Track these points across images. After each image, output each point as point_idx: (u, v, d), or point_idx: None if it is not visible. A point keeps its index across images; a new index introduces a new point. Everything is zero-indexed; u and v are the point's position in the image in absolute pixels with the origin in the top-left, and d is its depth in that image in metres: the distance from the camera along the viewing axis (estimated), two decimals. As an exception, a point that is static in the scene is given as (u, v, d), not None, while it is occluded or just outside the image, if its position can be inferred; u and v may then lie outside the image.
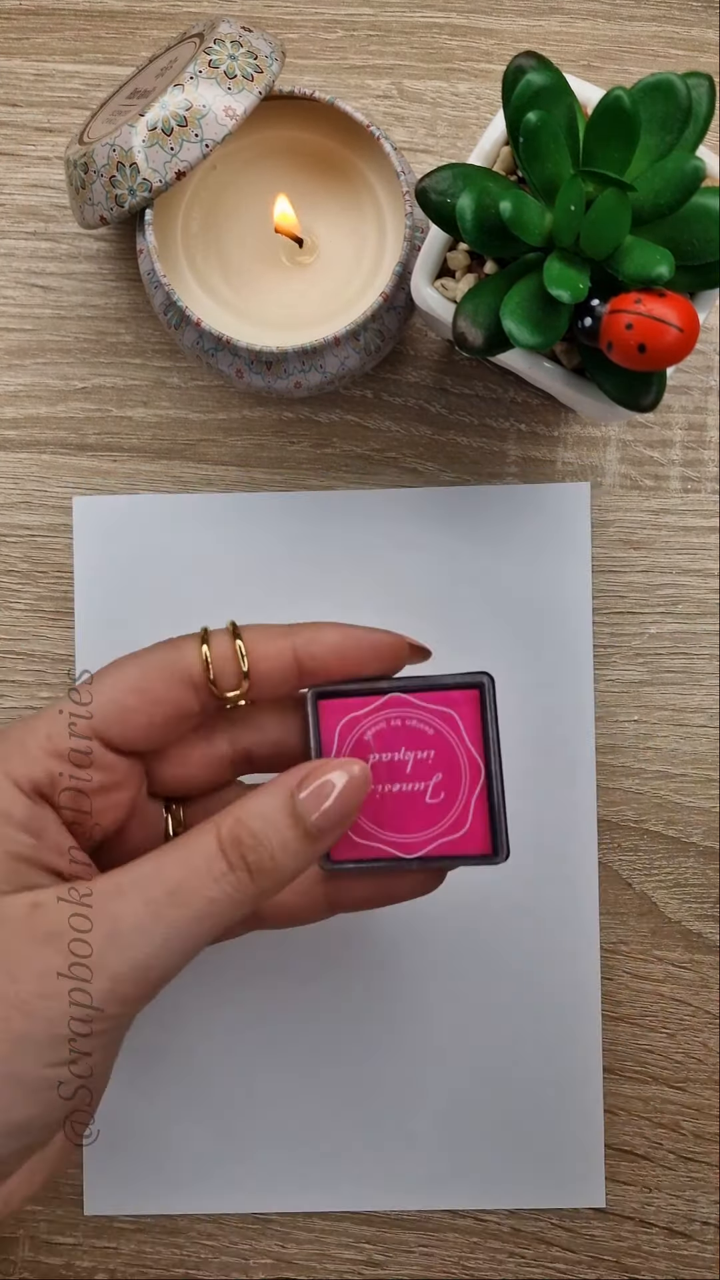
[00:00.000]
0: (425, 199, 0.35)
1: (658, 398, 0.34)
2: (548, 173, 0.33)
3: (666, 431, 0.45)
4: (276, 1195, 0.44)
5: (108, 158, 0.39)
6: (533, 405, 0.45)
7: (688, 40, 0.45)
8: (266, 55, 0.39)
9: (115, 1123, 0.44)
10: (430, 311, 0.37)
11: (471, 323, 0.34)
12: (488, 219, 0.33)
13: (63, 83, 0.45)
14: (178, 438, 0.45)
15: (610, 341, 0.32)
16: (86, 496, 0.45)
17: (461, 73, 0.45)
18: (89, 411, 0.45)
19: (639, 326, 0.32)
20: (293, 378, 0.40)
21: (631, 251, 0.33)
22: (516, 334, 0.33)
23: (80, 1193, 0.44)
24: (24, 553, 0.45)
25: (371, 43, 0.45)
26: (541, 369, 0.36)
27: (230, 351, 0.40)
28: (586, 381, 0.36)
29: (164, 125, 0.38)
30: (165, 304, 0.40)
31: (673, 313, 0.32)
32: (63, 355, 0.45)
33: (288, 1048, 0.45)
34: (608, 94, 0.32)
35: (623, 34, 0.45)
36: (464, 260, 0.36)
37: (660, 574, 0.45)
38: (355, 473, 0.45)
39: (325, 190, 0.43)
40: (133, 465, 0.45)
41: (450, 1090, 0.44)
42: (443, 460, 0.45)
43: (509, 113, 0.34)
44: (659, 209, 0.33)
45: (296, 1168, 0.44)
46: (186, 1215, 0.44)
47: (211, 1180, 0.44)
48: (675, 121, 0.33)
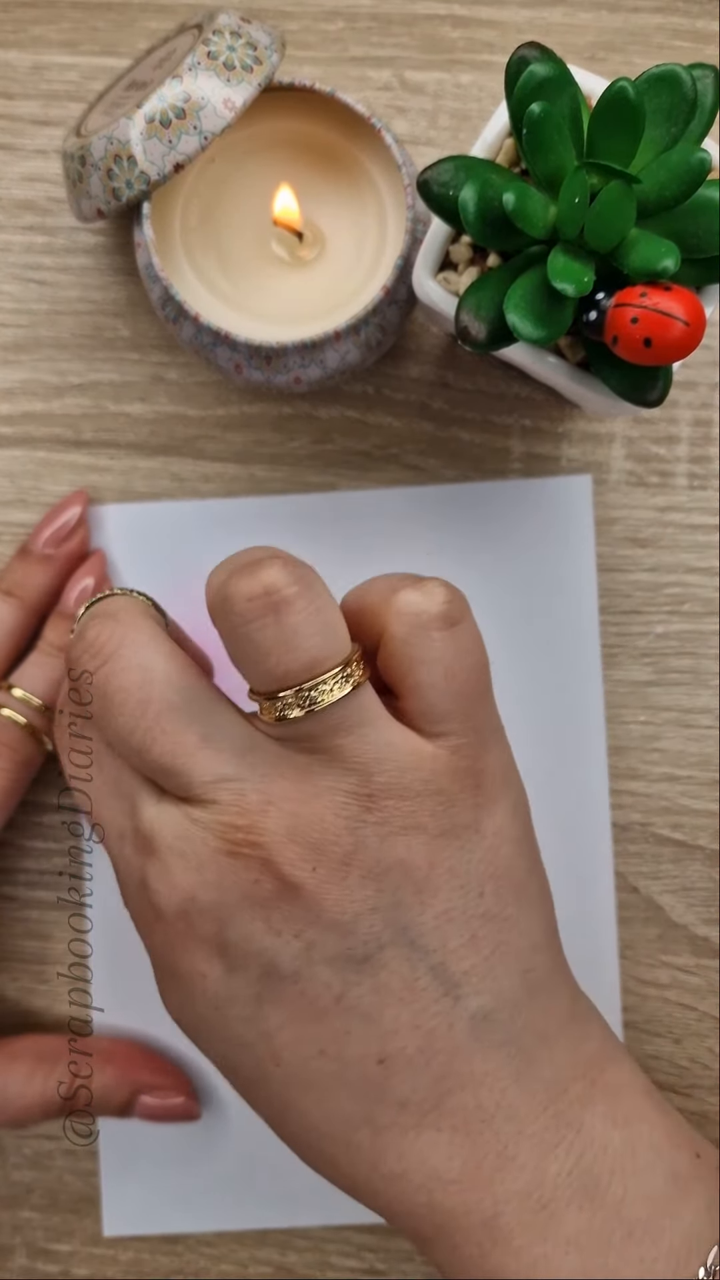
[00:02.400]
0: (427, 191, 0.34)
1: (663, 393, 0.34)
2: (551, 165, 0.33)
3: (673, 428, 0.44)
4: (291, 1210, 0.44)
5: (105, 150, 0.38)
6: (536, 401, 0.44)
7: (692, 31, 0.44)
8: (266, 46, 0.39)
9: (134, 1142, 0.44)
10: (432, 305, 0.36)
11: (474, 316, 0.34)
12: (491, 211, 0.33)
13: (59, 74, 0.45)
14: (175, 433, 0.44)
15: (615, 336, 0.32)
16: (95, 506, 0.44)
17: (464, 64, 0.44)
18: (85, 407, 0.44)
19: (644, 320, 0.31)
20: (292, 373, 0.40)
21: (636, 245, 0.32)
22: (520, 328, 0.32)
23: (78, 1202, 0.44)
24: (20, 551, 0.44)
25: (372, 34, 0.44)
26: (545, 364, 0.36)
27: (229, 346, 0.39)
28: (591, 376, 0.35)
29: (162, 117, 0.37)
30: (163, 298, 0.40)
31: (679, 307, 0.31)
32: (59, 350, 0.45)
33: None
34: (612, 85, 0.32)
35: (627, 25, 0.44)
36: (466, 253, 0.36)
37: (666, 572, 0.44)
38: (355, 469, 0.44)
39: (326, 183, 0.42)
40: (130, 462, 0.44)
41: None
42: (445, 457, 0.45)
43: (512, 104, 0.33)
44: (664, 201, 0.32)
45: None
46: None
47: (228, 1196, 0.44)
48: (680, 113, 0.33)
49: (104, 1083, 0.40)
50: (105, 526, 0.44)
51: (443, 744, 0.31)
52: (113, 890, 0.44)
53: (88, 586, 0.42)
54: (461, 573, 0.44)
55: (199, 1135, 0.44)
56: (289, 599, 0.30)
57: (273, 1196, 0.44)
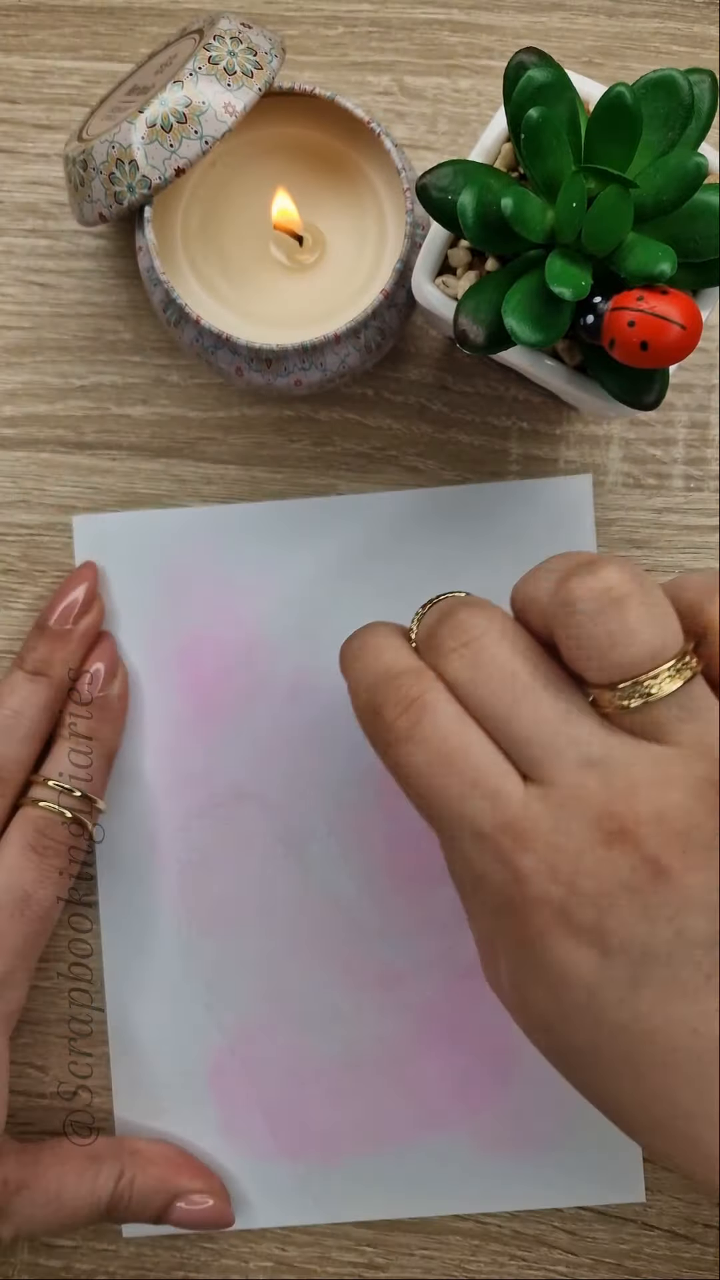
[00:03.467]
0: (426, 196, 0.34)
1: (660, 395, 0.34)
2: (549, 169, 0.33)
3: (669, 430, 0.45)
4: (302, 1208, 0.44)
5: (107, 154, 0.38)
6: (534, 403, 0.45)
7: (690, 36, 0.45)
8: (266, 51, 0.39)
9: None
10: (431, 309, 0.37)
11: (473, 320, 0.34)
12: (489, 216, 0.33)
13: (61, 79, 0.45)
14: (177, 436, 0.45)
15: (613, 339, 0.32)
16: (83, 515, 0.45)
17: (463, 69, 0.45)
18: (87, 410, 0.45)
19: (641, 324, 0.31)
20: (293, 375, 0.40)
21: (634, 249, 0.33)
22: (518, 331, 0.33)
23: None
24: (22, 551, 0.45)
25: (372, 39, 0.45)
26: (543, 366, 0.36)
27: (230, 349, 0.40)
28: (588, 379, 0.36)
29: (163, 122, 0.38)
30: (164, 301, 0.40)
31: (675, 310, 0.31)
32: (61, 353, 0.45)
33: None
34: (609, 90, 0.32)
35: (625, 30, 0.45)
36: (465, 257, 0.36)
37: (664, 573, 0.44)
38: (355, 471, 0.45)
39: (326, 187, 0.42)
40: (131, 464, 0.45)
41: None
42: (444, 459, 0.45)
43: (510, 109, 0.33)
44: (661, 206, 0.33)
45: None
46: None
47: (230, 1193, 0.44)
48: (677, 118, 0.33)
49: (145, 1186, 0.41)
50: (101, 535, 0.45)
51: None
52: (114, 890, 0.44)
53: (99, 671, 0.43)
54: (464, 573, 0.44)
55: (200, 1136, 0.44)
56: (630, 594, 0.31)
57: (273, 1195, 0.44)
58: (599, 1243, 0.44)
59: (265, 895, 0.44)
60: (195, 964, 0.44)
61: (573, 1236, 0.44)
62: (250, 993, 0.44)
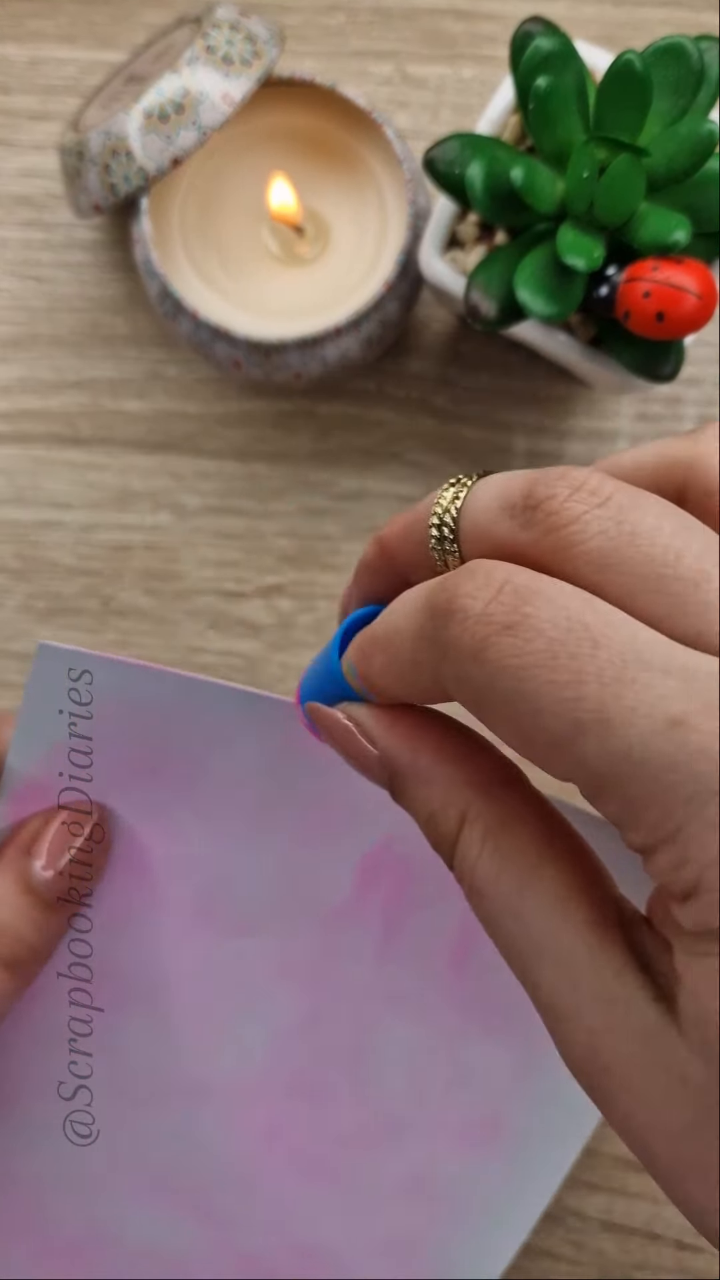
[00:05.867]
0: (433, 169, 0.34)
1: (677, 367, 0.33)
2: (559, 139, 0.32)
3: (677, 424, 0.44)
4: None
5: (102, 145, 0.38)
6: (540, 398, 0.44)
7: (696, 25, 0.44)
8: (264, 40, 0.38)
9: None
10: (440, 285, 0.36)
11: (484, 294, 0.33)
12: (498, 187, 0.32)
13: (57, 69, 0.44)
14: (174, 431, 0.44)
15: (627, 310, 0.31)
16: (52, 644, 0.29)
17: (466, 58, 0.44)
18: (83, 404, 0.44)
19: (656, 294, 0.31)
20: (292, 369, 0.39)
21: (647, 218, 0.32)
22: (531, 304, 0.32)
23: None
24: (16, 550, 0.43)
25: (373, 27, 0.44)
26: (556, 341, 0.35)
27: (228, 342, 0.39)
28: (602, 353, 0.35)
29: (160, 111, 0.37)
30: (161, 293, 0.39)
31: (691, 279, 0.31)
32: (56, 347, 0.44)
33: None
34: (619, 57, 0.31)
35: (630, 18, 0.44)
36: (473, 232, 0.35)
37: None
38: (357, 466, 0.44)
39: (326, 177, 0.42)
40: (127, 459, 0.44)
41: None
42: (447, 454, 0.44)
43: (518, 78, 0.32)
44: (673, 174, 0.32)
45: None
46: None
47: None
48: (687, 85, 0.32)
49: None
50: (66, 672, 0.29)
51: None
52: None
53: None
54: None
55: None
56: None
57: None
58: (605, 1254, 0.42)
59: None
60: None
61: (578, 1247, 0.42)
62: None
